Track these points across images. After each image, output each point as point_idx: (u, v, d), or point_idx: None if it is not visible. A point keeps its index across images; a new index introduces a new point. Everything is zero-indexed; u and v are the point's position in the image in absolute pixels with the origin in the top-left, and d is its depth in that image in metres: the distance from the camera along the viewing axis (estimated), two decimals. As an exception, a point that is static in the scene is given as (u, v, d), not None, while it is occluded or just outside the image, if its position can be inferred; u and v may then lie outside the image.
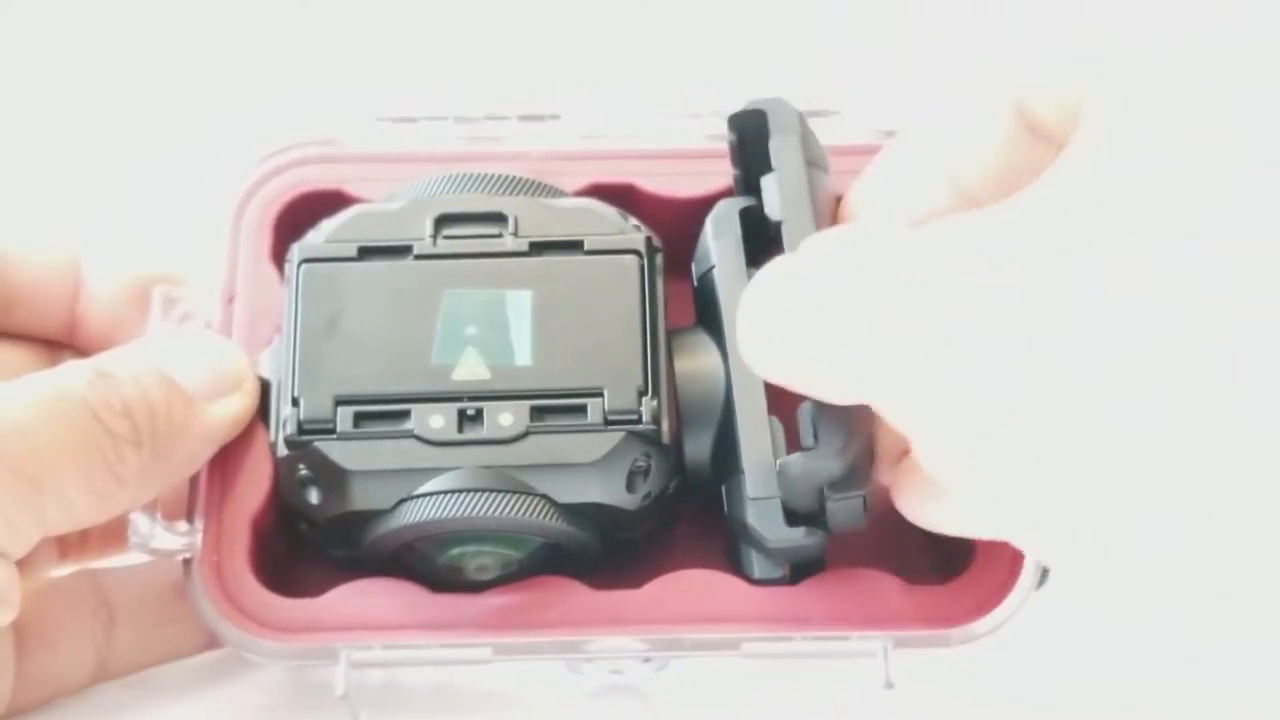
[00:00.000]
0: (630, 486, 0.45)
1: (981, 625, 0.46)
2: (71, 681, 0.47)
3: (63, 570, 0.49)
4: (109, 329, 0.49)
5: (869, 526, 0.44)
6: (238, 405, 0.46)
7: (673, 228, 0.49)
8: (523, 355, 0.45)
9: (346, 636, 0.45)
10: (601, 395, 0.45)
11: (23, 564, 0.45)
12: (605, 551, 0.46)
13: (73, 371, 0.44)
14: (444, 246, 0.46)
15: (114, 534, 0.47)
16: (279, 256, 0.49)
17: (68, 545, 0.49)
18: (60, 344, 0.50)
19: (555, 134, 0.51)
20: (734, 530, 0.46)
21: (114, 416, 0.43)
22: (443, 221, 0.47)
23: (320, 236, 0.47)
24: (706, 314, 0.48)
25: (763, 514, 0.44)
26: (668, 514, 0.47)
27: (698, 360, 0.47)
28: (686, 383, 0.46)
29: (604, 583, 0.46)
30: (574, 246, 0.47)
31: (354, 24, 0.60)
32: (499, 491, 0.44)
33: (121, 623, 0.47)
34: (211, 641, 0.48)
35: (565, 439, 0.44)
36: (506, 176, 0.48)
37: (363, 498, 0.44)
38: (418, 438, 0.44)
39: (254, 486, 0.46)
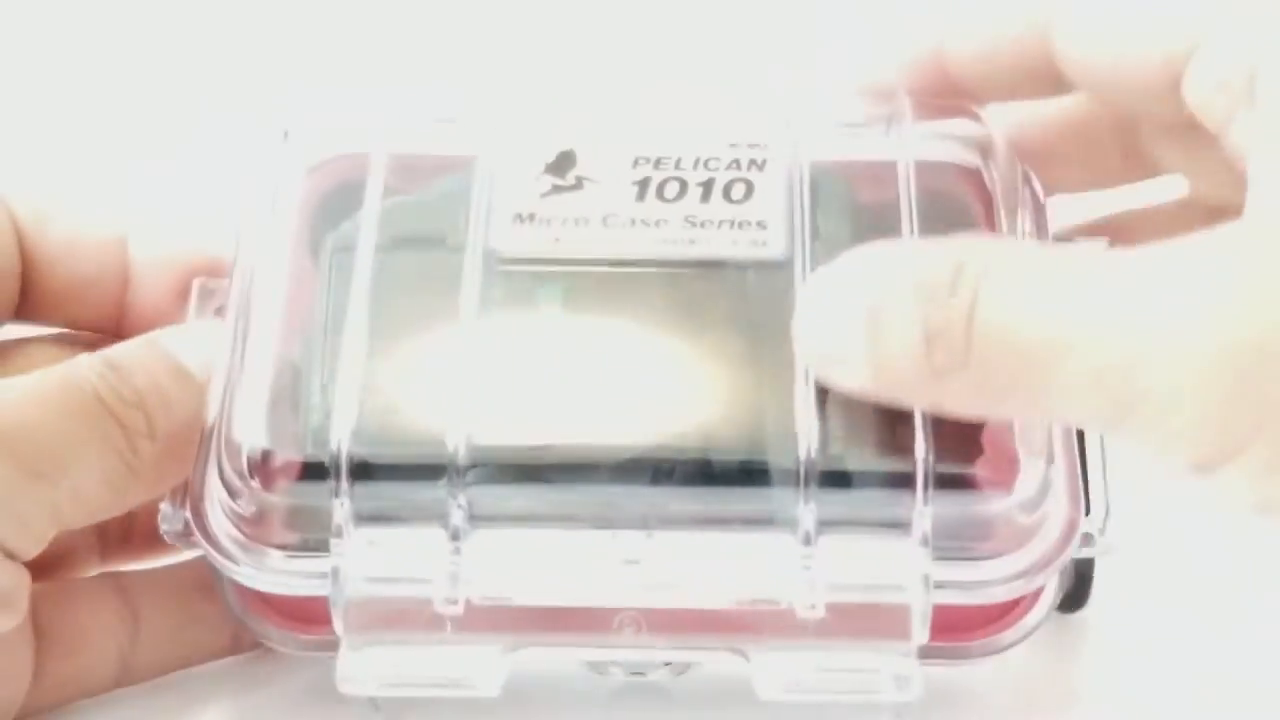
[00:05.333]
0: None
1: (1004, 638, 0.45)
2: (95, 684, 0.47)
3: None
4: (156, 320, 0.49)
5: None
6: None
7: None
8: (555, 299, 0.45)
9: None
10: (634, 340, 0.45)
11: (62, 566, 0.46)
12: None
13: (82, 363, 0.44)
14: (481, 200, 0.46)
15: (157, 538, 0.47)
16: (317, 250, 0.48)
17: (109, 548, 0.49)
18: (108, 338, 0.49)
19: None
20: None
21: (125, 408, 0.43)
22: (470, 183, 0.47)
23: (355, 228, 0.47)
24: None
25: None
26: None
27: None
28: None
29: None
30: None
31: (393, 23, 0.60)
32: None
33: (146, 625, 0.47)
34: (235, 645, 0.48)
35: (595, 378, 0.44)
36: None
37: None
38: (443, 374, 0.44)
39: (282, 474, 0.46)
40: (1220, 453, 0.38)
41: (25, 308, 0.49)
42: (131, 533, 0.49)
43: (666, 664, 0.46)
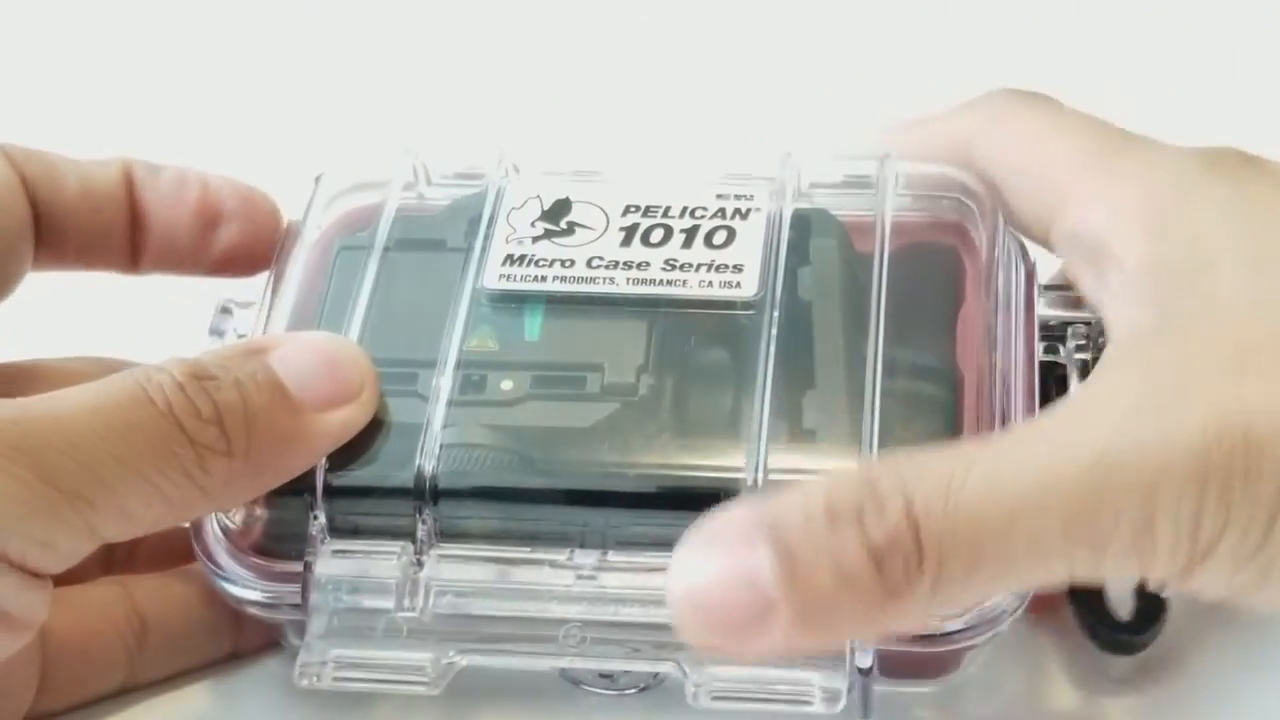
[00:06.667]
0: None
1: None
2: (101, 689, 0.48)
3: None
4: (172, 260, 0.52)
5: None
6: (349, 416, 0.45)
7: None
8: (533, 332, 0.48)
9: None
10: (602, 370, 0.47)
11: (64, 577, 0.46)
12: None
13: (158, 373, 0.42)
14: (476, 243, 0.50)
15: (164, 553, 0.50)
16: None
17: (113, 563, 0.51)
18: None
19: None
20: None
21: (200, 425, 0.42)
22: (476, 221, 0.50)
23: (358, 268, 0.50)
24: None
25: None
26: None
27: None
28: None
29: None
30: None
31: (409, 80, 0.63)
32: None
33: (153, 632, 0.48)
34: (236, 649, 0.50)
35: (561, 405, 0.47)
36: None
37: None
38: (420, 396, 0.47)
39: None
40: (1194, 557, 0.39)
41: (46, 258, 0.51)
42: (137, 550, 0.51)
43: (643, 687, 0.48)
